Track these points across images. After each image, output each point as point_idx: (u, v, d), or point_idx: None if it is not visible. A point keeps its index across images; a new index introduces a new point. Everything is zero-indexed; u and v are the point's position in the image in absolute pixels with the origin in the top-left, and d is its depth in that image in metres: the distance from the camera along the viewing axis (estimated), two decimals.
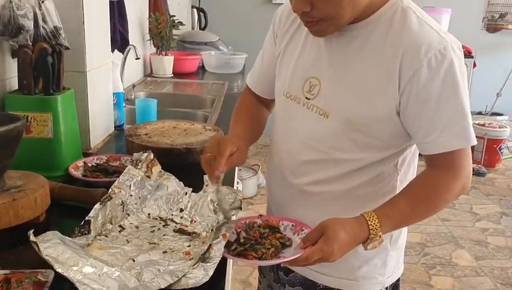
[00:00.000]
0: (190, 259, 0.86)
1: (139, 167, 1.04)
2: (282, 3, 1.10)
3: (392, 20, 0.89)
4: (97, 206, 0.93)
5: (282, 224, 0.94)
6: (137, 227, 0.98)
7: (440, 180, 0.91)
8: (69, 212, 1.06)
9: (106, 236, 0.92)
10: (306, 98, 0.98)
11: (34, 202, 0.97)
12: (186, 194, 1.07)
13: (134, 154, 1.08)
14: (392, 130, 0.92)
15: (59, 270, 0.76)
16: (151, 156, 1.07)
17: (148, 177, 1.05)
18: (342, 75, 0.93)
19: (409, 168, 1.02)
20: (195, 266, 0.82)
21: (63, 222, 1.03)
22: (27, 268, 0.80)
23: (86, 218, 0.91)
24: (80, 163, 1.23)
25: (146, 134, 1.42)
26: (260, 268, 1.27)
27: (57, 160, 1.21)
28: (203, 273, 0.80)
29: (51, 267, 0.79)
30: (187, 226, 1.00)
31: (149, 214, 1.03)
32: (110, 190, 0.99)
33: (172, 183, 1.08)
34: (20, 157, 1.01)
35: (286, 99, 1.02)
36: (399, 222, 0.92)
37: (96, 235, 0.91)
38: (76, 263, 0.78)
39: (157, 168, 1.07)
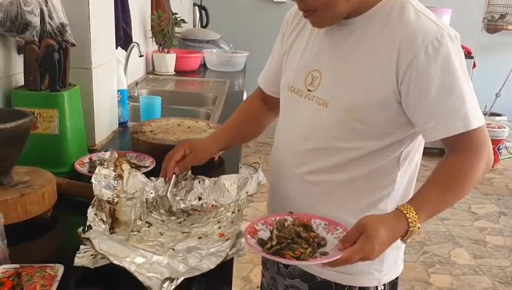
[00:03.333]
0: (226, 239, 0.88)
1: (106, 166, 1.03)
2: (283, 2, 1.13)
3: (390, 13, 0.92)
4: (90, 210, 0.91)
5: (314, 222, 0.91)
6: (163, 221, 1.00)
7: (464, 161, 0.91)
8: (76, 208, 1.06)
9: (139, 231, 0.93)
10: (308, 90, 1.01)
11: (41, 197, 0.98)
12: (198, 181, 1.10)
13: (97, 154, 1.07)
14: (389, 117, 0.93)
15: (116, 262, 0.76)
16: (116, 154, 1.08)
17: (121, 176, 1.02)
18: (341, 66, 0.96)
19: (410, 165, 1.02)
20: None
21: (69, 218, 1.04)
22: (36, 263, 0.81)
23: (87, 223, 0.88)
24: (86, 159, 1.24)
25: (151, 131, 1.43)
26: (263, 261, 1.28)
27: (63, 156, 1.21)
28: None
29: (58, 262, 0.80)
30: (210, 211, 1.03)
31: (170, 207, 1.04)
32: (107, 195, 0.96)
33: (141, 179, 1.05)
34: (27, 153, 1.01)
35: (290, 94, 1.05)
36: (434, 209, 0.91)
37: (131, 231, 0.92)
38: (128, 255, 0.79)
39: (126, 165, 1.05)
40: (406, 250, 2.86)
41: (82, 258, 0.80)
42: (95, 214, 0.90)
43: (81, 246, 0.83)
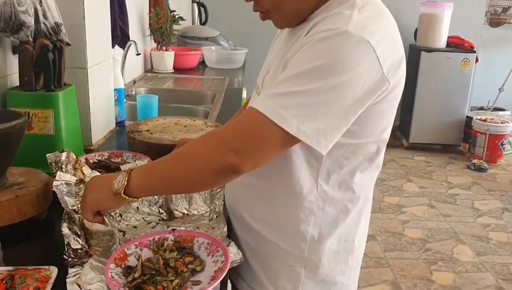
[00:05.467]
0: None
1: (64, 170, 0.95)
2: None
3: (330, 11, 0.80)
4: (63, 225, 0.86)
5: (197, 241, 0.84)
6: (135, 227, 0.98)
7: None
8: None
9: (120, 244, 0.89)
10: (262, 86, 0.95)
11: (36, 198, 0.97)
12: None
13: (49, 155, 0.95)
14: None
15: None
16: (74, 155, 0.98)
17: (82, 181, 0.95)
18: (274, 64, 0.90)
19: (336, 190, 0.88)
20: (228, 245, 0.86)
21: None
22: (30, 265, 0.80)
23: (65, 240, 0.84)
24: (82, 159, 1.22)
25: (147, 130, 1.42)
26: None
27: None
28: (236, 250, 0.85)
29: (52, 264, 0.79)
30: (183, 218, 1.01)
31: (137, 208, 1.01)
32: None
33: None
34: (22, 154, 1.01)
35: (254, 92, 1.01)
36: (150, 166, 0.85)
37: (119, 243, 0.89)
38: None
39: (86, 168, 1.00)
40: (408, 247, 2.86)
41: (74, 286, 0.76)
42: (69, 229, 0.85)
43: (70, 270, 0.79)
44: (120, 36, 2.03)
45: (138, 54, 2.04)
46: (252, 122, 0.75)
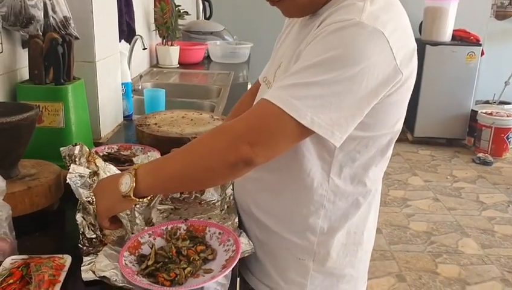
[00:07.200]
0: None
1: (77, 163, 0.96)
2: None
3: (343, 2, 0.79)
4: (78, 215, 0.88)
5: (209, 231, 0.86)
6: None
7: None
8: None
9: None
10: (274, 81, 0.94)
11: (48, 190, 0.99)
12: None
13: (63, 149, 0.97)
14: None
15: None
16: (87, 148, 0.99)
17: (96, 173, 0.97)
18: (286, 58, 0.90)
19: (348, 183, 0.88)
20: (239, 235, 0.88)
21: (76, 210, 1.05)
22: (43, 254, 0.82)
23: (80, 229, 0.86)
24: (92, 151, 1.24)
25: (155, 123, 1.43)
26: None
27: None
28: (247, 241, 0.88)
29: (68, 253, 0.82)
30: (196, 205, 1.03)
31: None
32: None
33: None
34: (32, 146, 1.02)
35: (263, 85, 1.01)
36: (158, 163, 0.84)
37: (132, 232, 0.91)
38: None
39: (99, 161, 1.01)
40: (413, 240, 2.87)
41: (88, 273, 0.78)
42: (83, 218, 0.87)
43: (84, 258, 0.82)
44: (126, 31, 2.04)
45: (144, 49, 2.06)
46: (266, 114, 0.75)
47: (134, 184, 0.78)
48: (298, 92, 0.73)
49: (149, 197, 0.82)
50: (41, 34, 1.19)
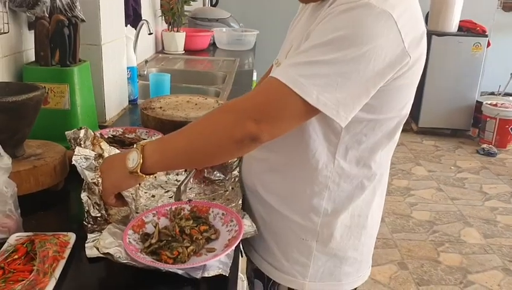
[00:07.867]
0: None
1: (83, 146, 0.96)
2: None
3: None
4: (83, 194, 0.86)
5: (212, 212, 0.87)
6: (153, 196, 1.01)
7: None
8: None
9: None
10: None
11: (53, 169, 1.00)
12: None
13: (68, 132, 0.97)
14: None
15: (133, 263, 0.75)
16: (91, 132, 0.99)
17: (101, 155, 0.97)
18: (297, 39, 0.89)
19: (353, 166, 0.89)
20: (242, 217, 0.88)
21: (80, 190, 1.06)
22: (48, 232, 0.83)
23: (85, 208, 0.85)
24: (97, 134, 1.25)
25: (160, 107, 1.44)
26: None
27: None
28: (250, 223, 0.87)
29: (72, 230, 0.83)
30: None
31: (155, 177, 1.04)
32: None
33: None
34: (38, 128, 1.03)
35: (274, 67, 1.00)
36: (165, 140, 0.85)
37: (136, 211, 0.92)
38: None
39: (104, 144, 1.01)
40: (415, 229, 2.87)
41: (92, 249, 0.79)
42: (88, 197, 0.86)
43: (89, 235, 0.83)
44: (132, 16, 2.04)
45: (150, 34, 2.05)
46: (272, 92, 0.75)
47: (141, 160, 0.79)
48: (305, 70, 0.73)
49: (154, 175, 0.83)
50: (47, 15, 1.20)
